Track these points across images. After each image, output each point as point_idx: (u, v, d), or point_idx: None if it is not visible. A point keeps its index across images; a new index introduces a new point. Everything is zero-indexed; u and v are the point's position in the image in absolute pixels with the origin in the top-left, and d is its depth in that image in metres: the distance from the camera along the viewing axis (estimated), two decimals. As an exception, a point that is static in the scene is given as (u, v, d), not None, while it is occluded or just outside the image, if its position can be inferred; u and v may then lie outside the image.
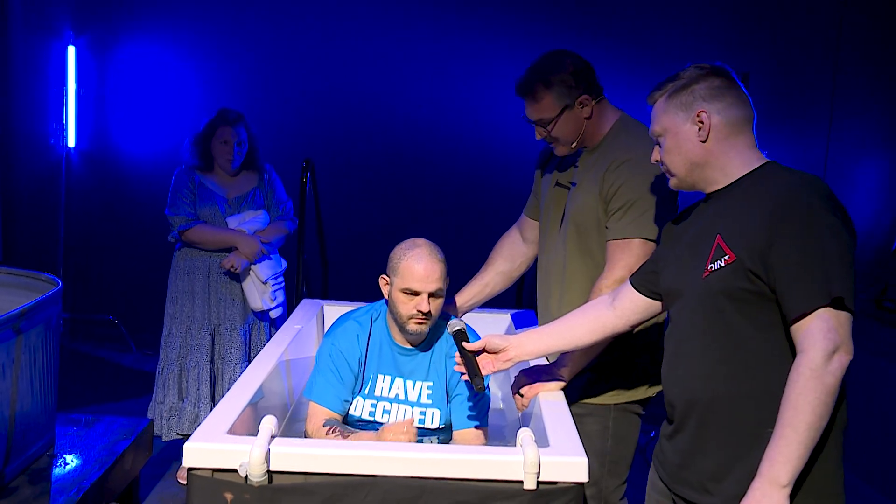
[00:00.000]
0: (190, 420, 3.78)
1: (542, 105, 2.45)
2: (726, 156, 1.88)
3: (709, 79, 1.90)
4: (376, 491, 1.90)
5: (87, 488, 2.54)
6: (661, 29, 4.93)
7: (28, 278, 2.95)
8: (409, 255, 2.40)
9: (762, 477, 1.70)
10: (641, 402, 2.56)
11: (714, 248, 1.82)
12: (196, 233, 3.76)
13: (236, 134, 3.79)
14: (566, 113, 2.44)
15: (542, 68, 2.45)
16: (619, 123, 2.50)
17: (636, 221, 2.34)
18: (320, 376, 2.46)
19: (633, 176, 2.36)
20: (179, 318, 3.83)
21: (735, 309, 1.79)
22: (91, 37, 5.61)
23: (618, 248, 2.37)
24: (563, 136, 2.48)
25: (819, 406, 1.67)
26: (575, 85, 2.43)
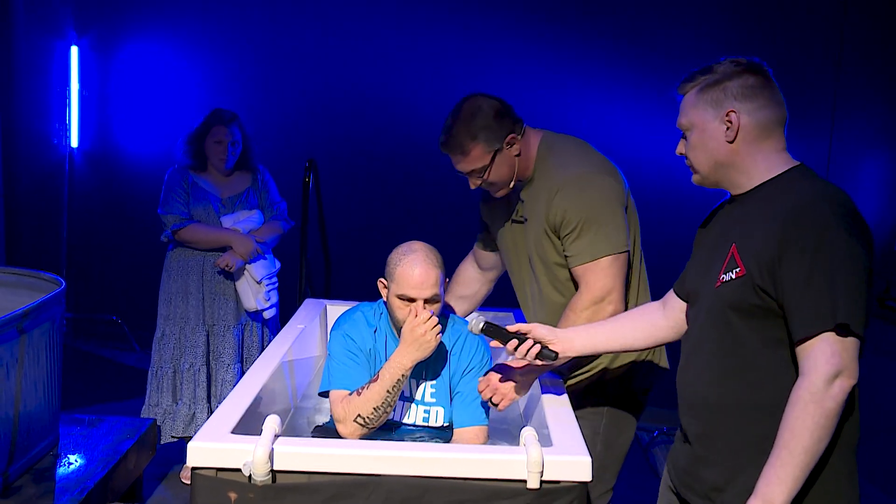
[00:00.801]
0: (185, 422, 3.74)
1: (472, 157, 2.41)
2: (752, 158, 1.83)
3: (743, 76, 1.85)
4: (380, 490, 1.91)
5: (91, 488, 2.54)
6: (660, 28, 4.92)
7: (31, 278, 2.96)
8: (404, 260, 2.38)
9: (757, 495, 1.69)
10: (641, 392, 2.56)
11: (728, 259, 1.80)
12: (190, 232, 3.74)
13: (230, 134, 3.77)
14: (498, 157, 2.41)
15: (463, 120, 2.40)
16: (542, 148, 2.47)
17: (595, 240, 2.32)
18: (336, 363, 2.43)
19: (573, 198, 2.34)
20: (173, 319, 3.80)
21: (743, 322, 1.77)
22: (94, 37, 5.62)
23: (587, 271, 2.34)
24: (500, 180, 2.45)
25: (817, 430, 1.65)
26: (499, 127, 2.40)
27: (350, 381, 2.38)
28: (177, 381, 3.79)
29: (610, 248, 2.33)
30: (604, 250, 2.32)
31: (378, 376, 2.32)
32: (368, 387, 2.32)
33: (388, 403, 2.31)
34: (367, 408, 2.30)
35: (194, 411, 3.77)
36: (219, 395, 3.76)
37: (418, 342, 2.31)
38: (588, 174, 2.37)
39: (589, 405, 2.52)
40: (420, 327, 2.31)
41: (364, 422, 2.30)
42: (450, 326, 2.57)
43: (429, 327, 2.31)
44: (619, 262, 2.34)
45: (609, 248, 2.33)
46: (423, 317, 2.32)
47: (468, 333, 2.57)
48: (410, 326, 2.32)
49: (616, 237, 2.33)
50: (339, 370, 2.42)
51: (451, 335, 2.54)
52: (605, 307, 2.35)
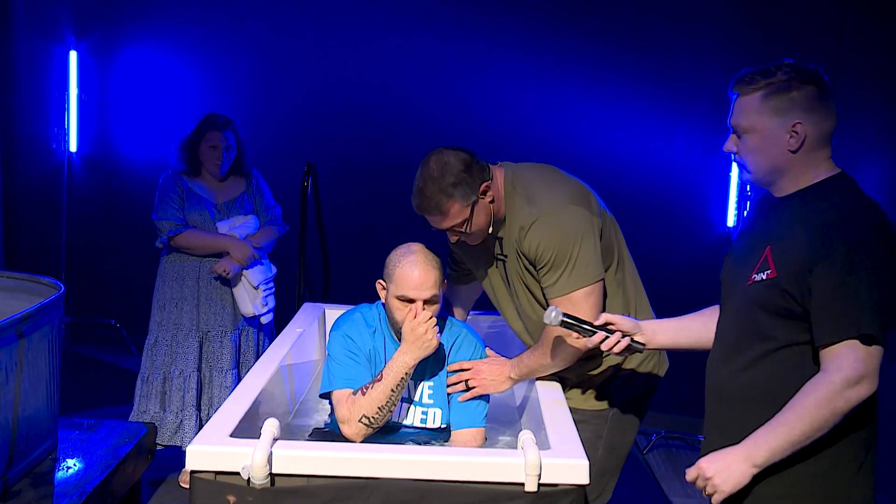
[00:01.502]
0: (171, 431, 3.71)
1: (451, 215, 2.38)
2: (805, 167, 1.90)
3: (808, 87, 1.90)
4: (378, 493, 1.91)
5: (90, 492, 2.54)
6: (660, 29, 4.93)
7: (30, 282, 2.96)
8: (403, 261, 2.40)
9: (741, 448, 1.78)
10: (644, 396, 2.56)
11: (761, 259, 1.87)
12: (186, 238, 3.72)
13: (225, 139, 3.76)
14: (476, 208, 2.39)
15: (434, 179, 2.37)
16: (508, 184, 2.45)
17: (569, 274, 2.32)
18: (336, 364, 2.43)
19: (544, 233, 2.33)
20: (166, 325, 3.77)
21: (771, 321, 1.84)
22: (93, 41, 5.63)
23: (562, 305, 2.32)
24: (479, 229, 2.44)
25: (821, 423, 1.73)
26: (471, 179, 2.37)
27: (352, 381, 2.39)
28: (166, 388, 3.75)
29: (584, 281, 2.32)
30: (578, 283, 2.32)
31: (381, 376, 2.33)
32: (372, 386, 2.32)
33: (392, 403, 2.33)
34: (373, 408, 2.30)
35: (181, 419, 3.73)
36: (215, 401, 3.74)
37: (420, 341, 2.33)
38: (556, 208, 2.34)
39: (593, 408, 2.53)
40: (421, 326, 2.33)
41: (369, 422, 2.31)
42: (447, 328, 2.58)
43: (429, 326, 2.33)
44: (596, 292, 2.35)
45: (583, 281, 2.32)
46: (424, 316, 2.34)
47: (464, 335, 2.58)
48: (411, 326, 2.34)
49: (589, 269, 2.33)
50: (341, 370, 2.42)
51: (448, 336, 2.55)
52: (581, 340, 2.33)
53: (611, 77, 5.00)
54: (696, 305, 5.10)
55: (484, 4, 5.17)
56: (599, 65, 5.02)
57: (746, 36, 4.80)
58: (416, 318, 2.35)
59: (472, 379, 2.44)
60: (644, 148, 4.93)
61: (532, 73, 5.08)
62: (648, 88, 4.95)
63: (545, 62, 5.08)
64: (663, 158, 4.93)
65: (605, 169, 4.64)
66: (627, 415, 2.56)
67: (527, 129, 4.99)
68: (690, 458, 4.60)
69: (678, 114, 4.92)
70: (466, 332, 2.60)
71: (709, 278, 4.92)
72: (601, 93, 5.00)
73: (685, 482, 4.31)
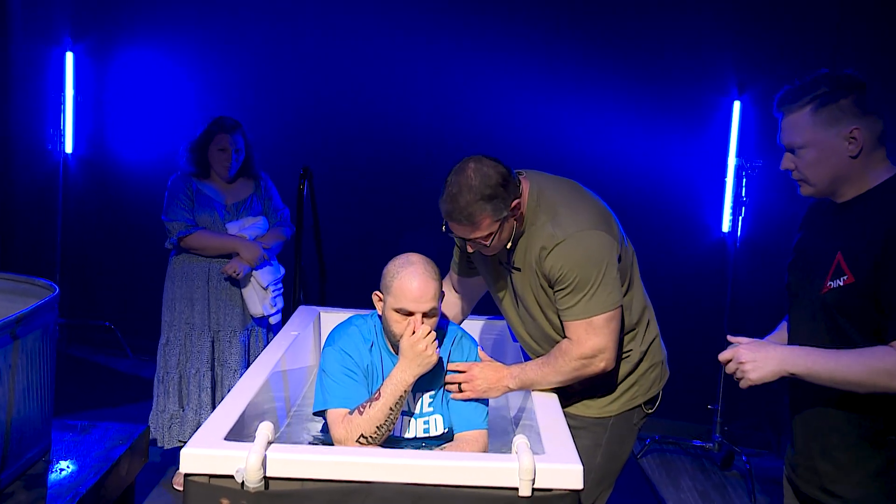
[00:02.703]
0: (192, 427, 3.75)
1: (482, 227, 2.32)
2: (865, 169, 1.95)
3: (853, 93, 1.95)
4: (372, 497, 1.91)
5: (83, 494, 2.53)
6: (656, 33, 4.94)
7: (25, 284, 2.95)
8: (402, 273, 2.33)
9: (784, 350, 1.89)
10: (644, 406, 2.56)
11: (834, 266, 1.91)
12: (196, 239, 3.75)
13: (234, 142, 3.80)
14: (505, 224, 2.34)
15: (472, 189, 2.27)
16: (532, 199, 2.39)
17: (589, 300, 2.29)
18: (332, 381, 2.37)
19: (567, 258, 2.29)
20: (178, 326, 3.81)
21: (852, 324, 1.89)
22: (89, 43, 5.62)
23: (579, 328, 2.31)
24: (501, 243, 2.40)
25: (866, 383, 1.80)
26: (506, 194, 2.30)
27: (349, 400, 2.33)
28: (183, 386, 3.81)
29: (604, 308, 2.30)
30: (598, 309, 2.30)
31: (379, 394, 2.27)
32: (371, 405, 2.27)
33: (391, 421, 2.28)
34: (371, 427, 2.25)
35: (200, 417, 3.77)
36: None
37: (419, 357, 2.28)
38: (581, 232, 2.31)
39: (593, 416, 2.52)
40: (421, 343, 2.27)
41: (368, 441, 2.26)
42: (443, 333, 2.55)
43: (429, 342, 2.28)
44: (615, 320, 2.33)
45: (603, 308, 2.30)
46: (423, 331, 2.29)
47: (460, 336, 2.56)
48: (410, 343, 2.28)
49: (610, 295, 2.31)
50: (337, 388, 2.36)
51: (447, 341, 2.53)
52: (597, 364, 2.35)
53: (606, 82, 5.01)
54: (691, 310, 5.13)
55: (482, 10, 5.17)
56: (595, 69, 5.03)
57: (743, 43, 4.82)
58: (414, 335, 2.29)
59: (466, 383, 2.42)
60: (639, 153, 4.93)
61: (528, 79, 5.09)
62: (644, 93, 4.96)
63: (541, 67, 5.09)
64: (659, 163, 4.94)
65: (601, 174, 4.64)
66: (627, 424, 2.55)
67: (523, 134, 4.99)
68: (684, 462, 4.61)
69: (674, 119, 4.93)
70: (462, 333, 2.57)
71: (704, 283, 4.96)
72: (597, 97, 5.01)
73: (678, 486, 4.32)
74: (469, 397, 2.42)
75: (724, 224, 4.85)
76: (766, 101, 4.79)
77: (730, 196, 4.77)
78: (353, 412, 2.29)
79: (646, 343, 2.52)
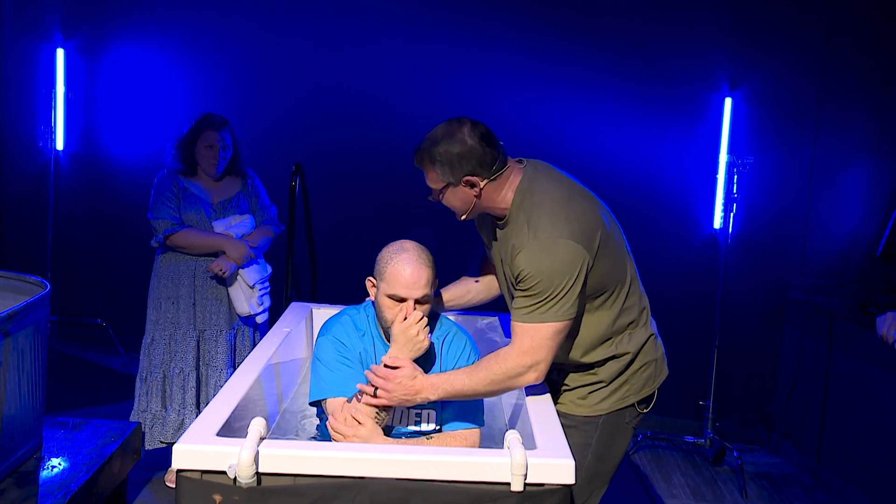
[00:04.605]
0: (174, 427, 3.73)
1: (429, 177, 2.34)
2: None
3: None
4: (364, 493, 1.91)
5: (75, 491, 2.53)
6: (648, 32, 4.95)
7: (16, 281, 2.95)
8: (395, 259, 2.36)
9: None
10: (637, 405, 2.53)
11: None
12: (182, 237, 3.72)
13: (221, 139, 3.77)
14: (450, 189, 2.32)
15: (432, 139, 2.30)
16: (519, 194, 2.34)
17: (544, 307, 2.23)
18: (328, 370, 2.39)
19: (534, 262, 2.23)
20: (163, 324, 3.78)
21: None
22: (80, 40, 5.60)
23: (526, 332, 2.26)
24: (452, 208, 2.40)
25: None
26: (458, 166, 2.27)
27: (346, 388, 2.35)
28: (166, 386, 3.77)
29: (556, 318, 2.24)
30: (550, 318, 2.24)
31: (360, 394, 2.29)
32: (367, 398, 2.29)
33: (389, 407, 2.31)
34: (370, 414, 2.28)
35: (183, 417, 3.75)
36: (210, 400, 3.74)
37: (411, 343, 2.30)
38: (554, 241, 2.23)
39: (583, 415, 2.50)
40: (412, 328, 2.30)
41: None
42: (437, 325, 2.56)
43: (420, 327, 2.30)
44: (561, 333, 2.27)
45: (555, 318, 2.24)
46: (415, 317, 2.31)
47: (454, 332, 2.57)
48: (402, 328, 2.31)
49: (566, 308, 2.24)
50: (333, 377, 2.38)
51: (439, 334, 2.54)
52: (530, 375, 2.27)
53: (598, 78, 5.02)
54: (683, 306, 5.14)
55: (474, 5, 5.18)
56: (587, 66, 5.04)
57: (734, 40, 4.83)
58: (406, 320, 2.32)
59: (382, 389, 2.29)
60: (631, 149, 4.95)
61: (521, 76, 5.09)
62: (636, 90, 4.97)
63: (534, 65, 5.09)
64: (650, 160, 4.95)
65: (593, 170, 4.65)
66: (619, 423, 2.52)
67: (515, 132, 5.00)
68: (676, 458, 4.62)
69: (665, 115, 4.94)
70: (456, 329, 2.58)
71: (696, 279, 4.98)
72: (589, 94, 5.02)
73: (669, 482, 4.34)
74: (382, 404, 2.30)
75: (716, 220, 4.86)
76: (757, 98, 4.81)
77: (721, 192, 4.79)
78: (350, 400, 2.30)
79: (639, 342, 2.49)
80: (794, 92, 4.77)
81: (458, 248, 4.99)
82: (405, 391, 2.28)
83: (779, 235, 4.83)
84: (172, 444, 3.65)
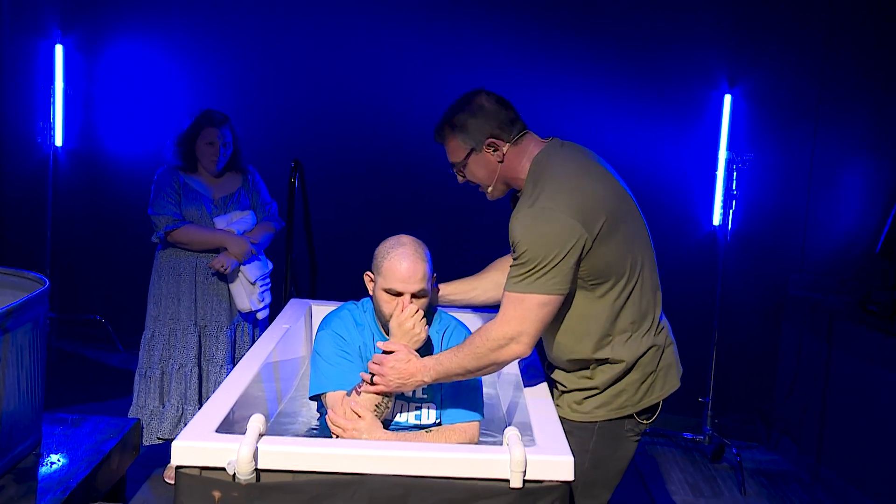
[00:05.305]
0: (172, 423, 3.72)
1: (450, 148, 2.37)
2: None
3: None
4: (363, 489, 1.91)
5: (74, 487, 2.53)
6: (647, 29, 4.95)
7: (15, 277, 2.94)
8: (392, 253, 2.37)
9: None
10: (637, 416, 2.45)
11: None
12: (183, 233, 3.72)
13: (222, 135, 3.77)
14: (473, 156, 2.33)
15: (452, 109, 2.37)
16: (535, 164, 2.34)
17: (532, 276, 2.20)
18: (328, 364, 2.40)
19: (527, 228, 2.21)
20: (163, 320, 3.78)
21: None
22: (79, 36, 5.60)
23: (511, 302, 2.23)
24: (477, 180, 2.39)
25: None
26: (479, 127, 2.31)
27: (346, 382, 2.37)
28: (164, 382, 3.77)
29: (542, 290, 2.20)
30: (536, 289, 2.20)
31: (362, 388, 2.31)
32: (366, 387, 2.30)
33: (388, 399, 2.32)
34: (369, 407, 2.29)
35: (182, 412, 3.74)
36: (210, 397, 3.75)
37: (409, 335, 2.32)
38: (548, 211, 2.21)
39: (579, 420, 2.44)
40: (409, 321, 2.31)
41: None
42: (437, 320, 2.57)
43: (417, 320, 2.32)
44: (547, 307, 2.23)
45: (541, 289, 2.20)
46: (411, 310, 2.33)
47: (454, 325, 2.57)
48: (399, 321, 2.33)
49: (553, 282, 2.20)
50: (333, 371, 2.39)
51: (438, 328, 2.54)
52: (514, 347, 2.24)
53: (597, 76, 5.02)
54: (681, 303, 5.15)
55: (474, 6, 5.17)
56: (586, 63, 5.03)
57: (734, 37, 4.83)
58: (402, 313, 2.33)
59: (378, 375, 2.31)
60: (630, 146, 4.94)
61: (520, 74, 5.09)
62: (635, 87, 4.97)
63: (533, 62, 5.09)
64: (649, 157, 4.95)
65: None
66: (617, 432, 2.45)
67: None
68: (675, 455, 4.63)
69: (664, 112, 4.94)
70: (456, 322, 2.59)
71: (695, 276, 4.99)
72: (588, 91, 5.02)
73: (668, 479, 4.34)
74: (380, 391, 2.31)
75: (715, 217, 4.86)
76: (757, 95, 4.81)
77: (720, 189, 4.79)
78: (350, 393, 2.31)
79: (636, 351, 2.40)
80: (793, 90, 4.77)
81: (458, 247, 5.00)
82: (399, 374, 2.28)
83: (778, 233, 4.83)
84: (170, 441, 3.69)
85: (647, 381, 2.44)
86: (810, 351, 4.53)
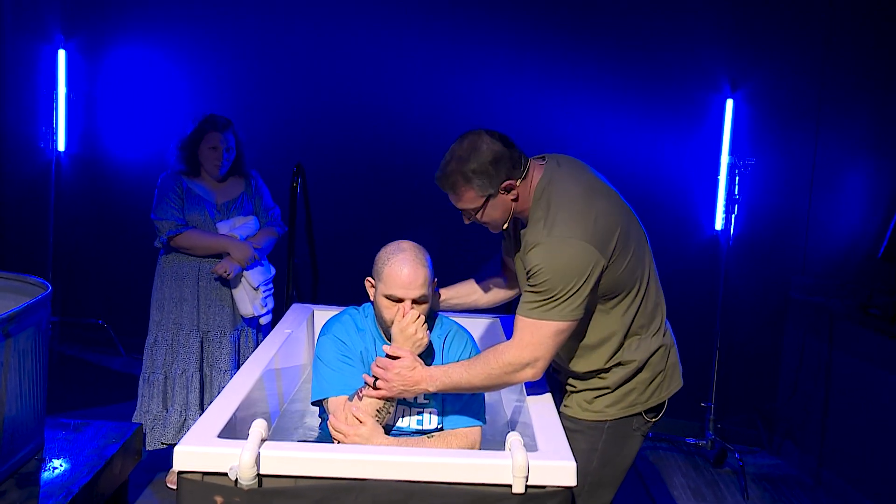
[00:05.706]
0: (175, 429, 3.72)
1: (465, 199, 2.32)
2: None
3: None
4: (365, 494, 1.91)
5: (76, 492, 2.53)
6: (649, 32, 4.95)
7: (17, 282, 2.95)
8: (393, 259, 2.38)
9: None
10: (645, 414, 2.48)
11: None
12: (186, 238, 3.72)
13: (225, 140, 3.76)
14: (491, 201, 2.31)
15: (459, 160, 2.28)
16: (539, 189, 2.35)
17: (550, 304, 2.23)
18: (329, 369, 2.40)
19: (546, 258, 2.22)
20: (166, 325, 3.78)
21: None
22: (81, 40, 5.61)
23: (527, 327, 2.25)
24: (493, 221, 2.38)
25: None
26: (495, 173, 2.28)
27: (347, 387, 2.37)
28: (168, 387, 3.77)
29: (560, 317, 2.23)
30: (554, 317, 2.23)
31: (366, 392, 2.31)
32: (368, 391, 2.31)
33: (390, 404, 2.32)
34: (371, 412, 2.29)
35: (185, 418, 3.74)
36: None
37: (410, 340, 2.32)
38: (567, 241, 2.23)
39: (590, 419, 2.46)
40: (410, 326, 2.32)
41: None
42: (437, 325, 2.57)
43: (418, 325, 2.32)
44: (564, 333, 2.27)
45: (559, 317, 2.23)
46: (412, 315, 2.33)
47: (455, 330, 2.57)
48: (400, 327, 2.33)
49: (570, 308, 2.23)
50: (335, 376, 2.39)
51: (440, 333, 2.54)
52: (527, 372, 2.27)
53: (599, 79, 5.02)
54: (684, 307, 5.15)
55: (475, 7, 5.18)
56: (588, 67, 5.03)
57: (735, 40, 4.83)
58: (404, 318, 2.33)
59: (381, 379, 2.31)
60: (632, 150, 4.94)
61: (521, 77, 5.09)
62: (637, 91, 4.97)
63: (534, 65, 5.09)
64: (651, 161, 4.95)
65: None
66: (626, 430, 2.48)
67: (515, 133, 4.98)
68: (677, 460, 4.62)
69: (666, 116, 4.93)
70: (457, 327, 2.59)
71: (697, 281, 4.98)
72: (590, 95, 5.02)
73: (671, 484, 4.34)
74: (382, 395, 2.31)
75: (717, 222, 4.86)
76: (758, 99, 4.81)
77: (723, 194, 4.78)
78: (351, 398, 2.31)
79: (648, 351, 2.44)
80: (794, 92, 4.77)
81: (458, 248, 4.99)
82: (403, 381, 2.29)
83: (780, 236, 4.83)
84: (173, 446, 3.69)
85: (656, 380, 2.48)
86: (812, 354, 4.52)
